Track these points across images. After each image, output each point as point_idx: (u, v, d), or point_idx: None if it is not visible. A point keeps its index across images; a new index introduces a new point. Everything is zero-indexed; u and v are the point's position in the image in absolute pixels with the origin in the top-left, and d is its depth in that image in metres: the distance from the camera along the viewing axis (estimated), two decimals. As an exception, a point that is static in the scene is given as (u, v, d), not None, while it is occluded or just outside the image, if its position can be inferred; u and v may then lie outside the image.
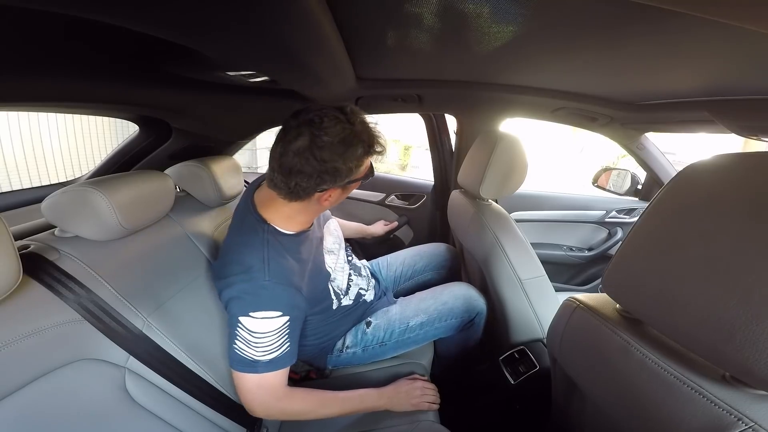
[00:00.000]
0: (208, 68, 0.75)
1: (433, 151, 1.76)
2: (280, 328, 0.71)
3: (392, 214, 1.83)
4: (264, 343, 0.70)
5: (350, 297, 0.96)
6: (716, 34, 0.52)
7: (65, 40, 0.57)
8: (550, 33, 0.63)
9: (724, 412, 0.38)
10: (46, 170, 3.10)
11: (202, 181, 0.97)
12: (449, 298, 1.03)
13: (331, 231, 1.01)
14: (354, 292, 0.98)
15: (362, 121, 0.73)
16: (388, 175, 2.03)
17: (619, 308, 0.54)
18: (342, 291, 0.94)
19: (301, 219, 0.81)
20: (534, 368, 0.93)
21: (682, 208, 0.44)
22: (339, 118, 0.69)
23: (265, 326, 0.70)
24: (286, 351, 0.73)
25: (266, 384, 0.72)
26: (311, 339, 0.91)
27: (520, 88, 1.19)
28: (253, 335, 0.69)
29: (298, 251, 0.81)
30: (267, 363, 0.70)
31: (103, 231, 0.66)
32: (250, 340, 0.69)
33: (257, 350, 0.70)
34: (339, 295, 0.92)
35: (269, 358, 0.70)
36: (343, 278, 0.96)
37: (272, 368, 0.71)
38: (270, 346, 0.71)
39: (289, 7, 0.45)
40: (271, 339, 0.70)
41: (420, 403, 0.85)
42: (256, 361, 0.70)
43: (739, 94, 0.81)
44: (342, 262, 0.99)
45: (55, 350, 0.53)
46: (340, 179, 0.71)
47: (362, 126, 0.72)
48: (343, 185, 0.75)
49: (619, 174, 1.68)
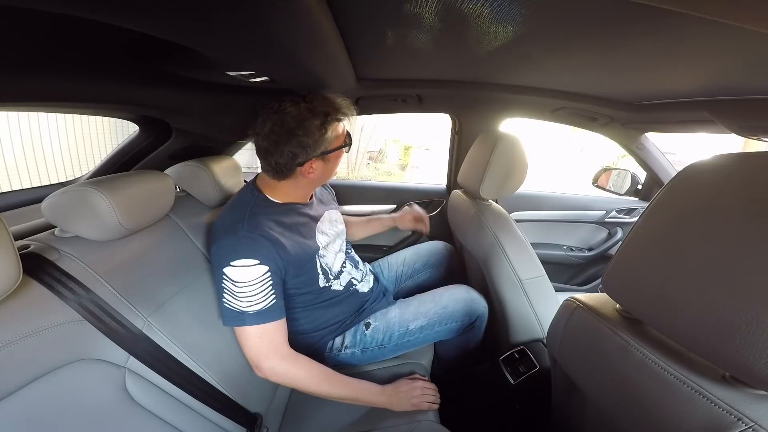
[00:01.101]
0: (208, 68, 0.75)
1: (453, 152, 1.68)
2: (261, 278, 0.75)
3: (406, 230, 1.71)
4: (247, 293, 0.74)
5: (341, 283, 0.97)
6: (716, 34, 0.52)
7: (65, 40, 0.57)
8: (550, 33, 0.63)
9: (724, 412, 0.38)
10: (46, 170, 3.10)
11: (202, 181, 0.97)
12: (449, 301, 1.02)
13: (331, 218, 1.03)
14: (346, 279, 0.99)
15: (322, 98, 0.83)
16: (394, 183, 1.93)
17: (619, 308, 0.54)
18: (331, 270, 0.94)
19: (296, 194, 0.91)
20: (534, 368, 0.93)
21: (682, 208, 0.44)
22: (296, 101, 0.80)
23: (246, 275, 0.74)
24: (272, 303, 0.76)
25: (265, 337, 0.76)
26: (301, 324, 0.92)
27: (520, 88, 1.19)
28: (236, 285, 0.74)
29: (286, 216, 0.87)
30: (254, 314, 0.75)
31: (103, 231, 0.66)
32: (234, 290, 0.74)
33: (242, 301, 0.74)
34: (327, 274, 0.92)
35: (255, 309, 0.74)
36: (334, 260, 0.97)
37: (260, 320, 0.75)
38: (254, 296, 0.75)
39: (288, 7, 0.45)
40: (253, 288, 0.74)
41: (420, 403, 0.85)
42: (243, 312, 0.74)
43: (739, 94, 0.81)
44: (336, 248, 1.00)
45: (55, 350, 0.53)
46: (311, 150, 0.81)
47: (320, 101, 0.82)
48: (318, 155, 0.83)
49: (619, 174, 1.68)
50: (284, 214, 0.87)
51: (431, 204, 1.68)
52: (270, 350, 0.77)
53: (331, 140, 0.83)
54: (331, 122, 0.82)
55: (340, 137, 0.86)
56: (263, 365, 0.77)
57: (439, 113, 1.55)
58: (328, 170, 0.89)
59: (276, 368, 0.77)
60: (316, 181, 0.90)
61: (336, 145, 0.85)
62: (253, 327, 0.75)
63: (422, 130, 6.94)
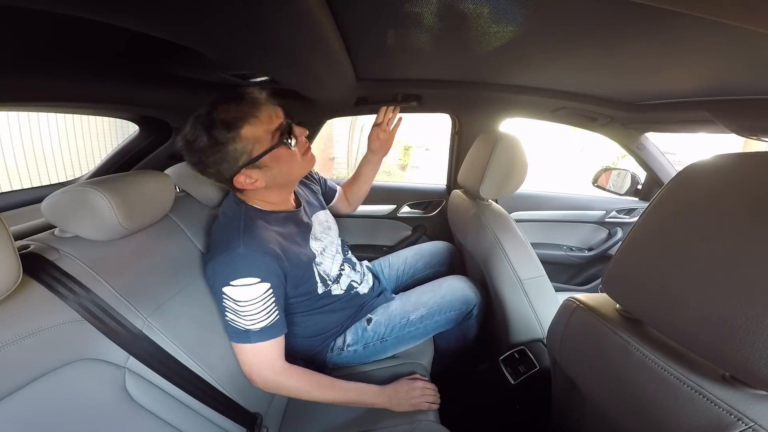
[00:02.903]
0: (208, 68, 0.75)
1: None
2: (263, 296, 0.74)
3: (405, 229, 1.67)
4: (250, 311, 0.73)
5: (341, 287, 0.97)
6: (716, 34, 0.52)
7: (65, 40, 0.57)
8: (550, 33, 0.63)
9: (724, 412, 0.38)
10: (46, 170, 3.10)
11: (202, 181, 0.96)
12: (447, 291, 1.04)
13: (321, 221, 1.01)
14: (345, 282, 0.98)
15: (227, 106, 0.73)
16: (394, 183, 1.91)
17: (619, 308, 0.54)
18: (330, 277, 0.93)
19: (273, 200, 0.86)
20: (534, 368, 0.93)
21: (682, 208, 0.44)
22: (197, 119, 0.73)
23: (247, 294, 0.72)
24: (275, 320, 0.76)
25: (260, 354, 0.76)
26: (302, 329, 0.91)
27: (520, 88, 1.19)
28: (238, 304, 0.72)
29: (280, 225, 0.84)
30: (258, 332, 0.74)
31: (103, 231, 0.66)
32: (237, 309, 0.73)
33: (246, 319, 0.73)
34: (326, 280, 0.92)
35: (259, 326, 0.74)
36: (331, 265, 0.96)
37: (264, 337, 0.74)
38: (257, 314, 0.73)
39: (288, 7, 0.45)
40: (256, 307, 0.73)
41: (420, 403, 0.85)
42: (248, 330, 0.73)
43: (739, 94, 0.81)
44: (333, 251, 0.99)
45: (55, 350, 0.53)
46: (234, 162, 0.74)
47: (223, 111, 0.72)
48: (247, 165, 0.75)
49: (619, 174, 1.69)
50: (278, 224, 0.84)
51: (431, 204, 1.68)
52: (264, 366, 0.77)
53: (252, 146, 0.74)
54: (239, 129, 0.72)
55: (264, 139, 0.75)
56: (256, 379, 0.77)
57: (439, 113, 1.55)
58: (279, 174, 0.80)
59: (268, 381, 0.77)
60: (275, 187, 0.83)
61: (262, 149, 0.75)
62: (255, 344, 0.75)
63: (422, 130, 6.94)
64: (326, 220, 1.05)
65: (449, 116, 1.56)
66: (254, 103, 0.75)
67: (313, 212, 1.00)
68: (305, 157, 0.84)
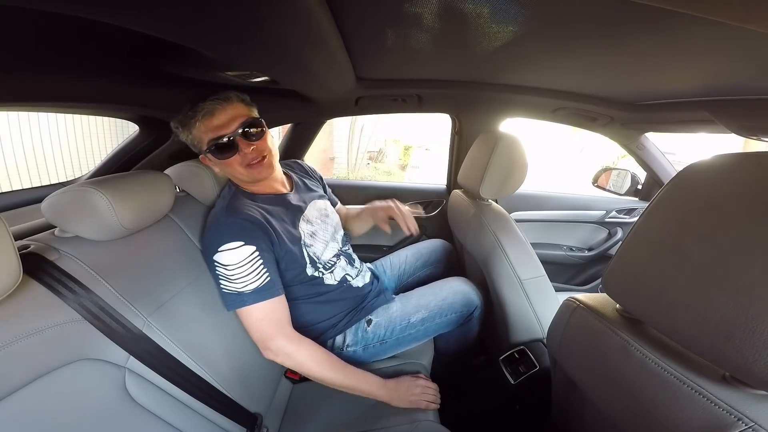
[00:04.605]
0: (208, 68, 0.75)
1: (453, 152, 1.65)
2: (249, 258, 0.77)
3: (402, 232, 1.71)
4: (240, 273, 0.76)
5: (335, 277, 0.98)
6: (716, 34, 0.52)
7: (65, 39, 0.57)
8: (550, 33, 0.63)
9: (724, 412, 0.38)
10: (46, 170, 3.10)
11: (202, 181, 0.97)
12: (448, 293, 1.04)
13: (319, 207, 1.03)
14: (339, 274, 0.99)
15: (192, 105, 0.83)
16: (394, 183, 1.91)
17: (619, 308, 0.54)
18: (320, 261, 0.94)
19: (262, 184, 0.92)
20: (534, 368, 0.93)
21: (682, 208, 0.44)
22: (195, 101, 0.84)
23: (234, 257, 0.76)
24: (267, 280, 0.78)
25: (268, 315, 0.78)
26: (300, 314, 0.92)
27: (520, 88, 1.19)
28: (228, 268, 0.76)
29: (265, 203, 0.89)
30: (251, 293, 0.76)
31: (103, 231, 0.66)
32: (227, 274, 0.76)
33: (237, 282, 0.76)
34: (316, 263, 0.93)
35: (251, 287, 0.76)
36: (323, 250, 0.97)
37: (258, 298, 0.77)
38: (247, 275, 0.76)
39: (288, 7, 0.45)
40: (245, 269, 0.76)
41: (418, 401, 0.85)
42: (241, 293, 0.76)
43: (739, 94, 0.81)
44: (326, 238, 1.00)
45: (55, 350, 0.53)
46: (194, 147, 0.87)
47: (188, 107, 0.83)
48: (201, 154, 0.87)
49: (619, 174, 1.69)
50: (265, 202, 0.90)
51: (431, 204, 1.68)
52: (275, 330, 0.78)
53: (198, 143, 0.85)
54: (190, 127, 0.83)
55: (202, 141, 0.83)
56: (271, 345, 0.78)
57: (439, 113, 1.55)
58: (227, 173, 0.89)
59: (283, 348, 0.78)
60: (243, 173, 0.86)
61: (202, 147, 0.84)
62: (254, 307, 0.76)
63: (422, 130, 6.94)
64: (325, 208, 1.06)
65: (449, 116, 1.56)
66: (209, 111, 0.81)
67: (311, 199, 1.02)
68: (249, 168, 0.85)
